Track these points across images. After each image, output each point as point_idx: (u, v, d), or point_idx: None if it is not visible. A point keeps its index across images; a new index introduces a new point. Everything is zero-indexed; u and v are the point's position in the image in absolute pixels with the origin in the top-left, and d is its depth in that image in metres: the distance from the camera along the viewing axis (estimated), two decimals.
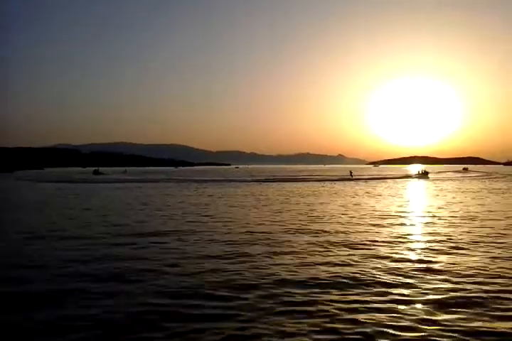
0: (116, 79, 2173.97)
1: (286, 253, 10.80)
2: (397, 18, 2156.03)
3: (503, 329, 5.89)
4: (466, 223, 16.05)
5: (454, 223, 16.05)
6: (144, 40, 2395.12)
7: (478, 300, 7.08)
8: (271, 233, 14.00)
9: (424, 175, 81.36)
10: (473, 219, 17.27)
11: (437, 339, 5.65)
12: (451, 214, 18.73)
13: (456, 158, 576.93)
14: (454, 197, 28.94)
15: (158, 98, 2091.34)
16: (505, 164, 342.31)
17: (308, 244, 12.10)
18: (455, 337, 5.71)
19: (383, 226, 15.33)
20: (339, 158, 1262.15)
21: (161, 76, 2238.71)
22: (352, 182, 59.33)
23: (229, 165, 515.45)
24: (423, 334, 5.81)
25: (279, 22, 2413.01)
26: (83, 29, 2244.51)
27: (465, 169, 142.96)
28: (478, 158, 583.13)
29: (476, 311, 6.58)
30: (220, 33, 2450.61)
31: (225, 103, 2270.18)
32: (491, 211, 20.23)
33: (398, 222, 16.41)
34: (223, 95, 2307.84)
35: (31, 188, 46.36)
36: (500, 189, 39.37)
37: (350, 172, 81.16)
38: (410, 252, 10.92)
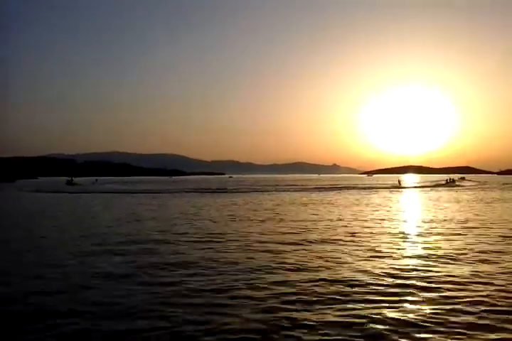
0: (117, 79, 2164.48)
1: None
2: (397, 26, 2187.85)
3: None
4: None
5: None
6: (144, 40, 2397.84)
7: None
8: None
9: (453, 183, 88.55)
10: None
11: None
12: None
13: (449, 168, 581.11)
14: None
15: (158, 98, 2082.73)
16: (498, 173, 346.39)
17: None
18: None
19: None
20: (334, 168, 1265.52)
21: (161, 76, 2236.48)
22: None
23: (223, 174, 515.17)
24: None
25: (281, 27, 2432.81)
26: (83, 29, 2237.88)
27: (462, 178, 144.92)
28: (469, 167, 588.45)
29: None
30: (220, 33, 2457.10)
31: (222, 107, 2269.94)
32: None
33: None
34: (222, 98, 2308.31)
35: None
36: None
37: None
38: None
